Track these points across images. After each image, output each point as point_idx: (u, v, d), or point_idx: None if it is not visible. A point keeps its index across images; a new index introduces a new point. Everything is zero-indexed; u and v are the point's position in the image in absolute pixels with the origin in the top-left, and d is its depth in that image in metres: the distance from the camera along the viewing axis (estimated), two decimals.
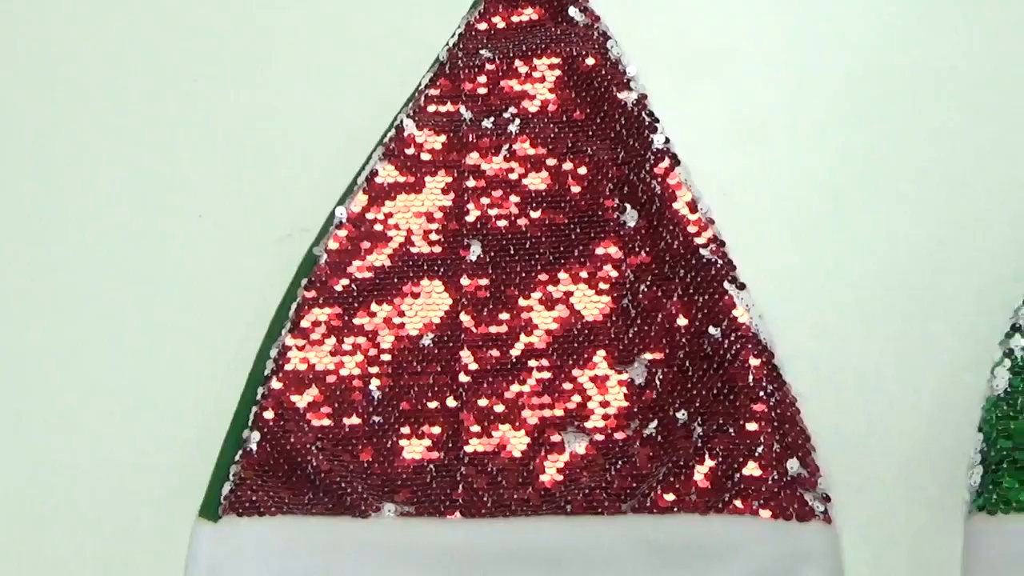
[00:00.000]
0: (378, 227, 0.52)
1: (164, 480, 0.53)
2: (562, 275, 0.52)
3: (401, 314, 0.52)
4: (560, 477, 0.49)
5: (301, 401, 0.50)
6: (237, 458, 0.50)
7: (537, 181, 0.53)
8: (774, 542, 0.46)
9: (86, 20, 0.61)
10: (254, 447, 0.49)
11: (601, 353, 0.51)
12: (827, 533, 0.47)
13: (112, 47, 0.60)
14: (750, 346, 0.48)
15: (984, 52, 0.54)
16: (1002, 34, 0.55)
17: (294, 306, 0.51)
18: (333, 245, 0.52)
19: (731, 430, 0.47)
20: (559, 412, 0.50)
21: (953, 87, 0.54)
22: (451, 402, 0.50)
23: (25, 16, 0.62)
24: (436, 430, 0.50)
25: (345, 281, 0.52)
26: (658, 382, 0.49)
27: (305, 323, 0.51)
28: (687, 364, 0.49)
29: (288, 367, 0.50)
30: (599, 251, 0.52)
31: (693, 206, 0.50)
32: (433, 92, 0.54)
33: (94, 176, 0.58)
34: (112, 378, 0.55)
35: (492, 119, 0.54)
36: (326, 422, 0.50)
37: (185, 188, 0.57)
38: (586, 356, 0.51)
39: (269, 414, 0.50)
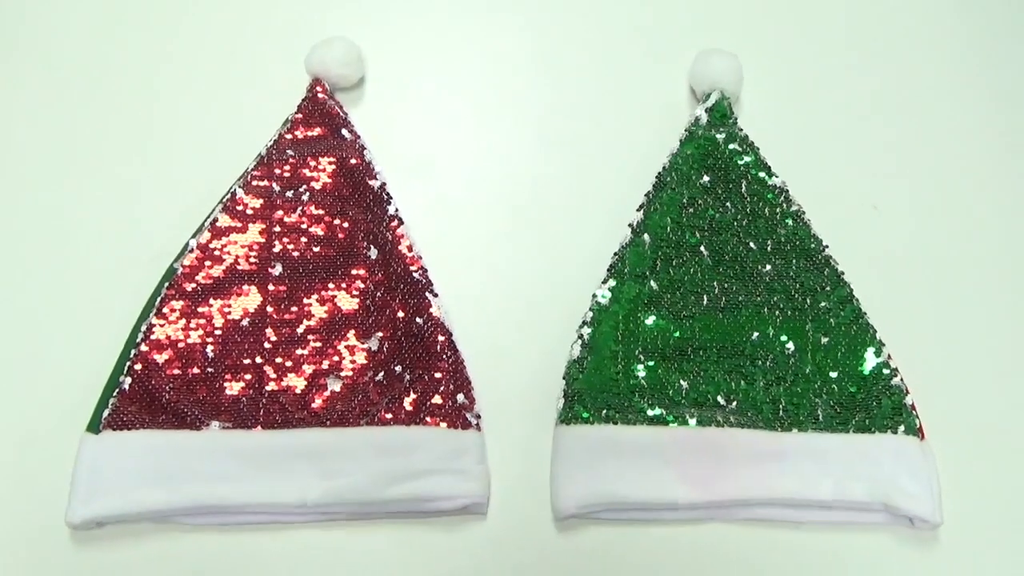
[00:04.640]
0: (217, 253, 0.61)
1: (64, 408, 0.60)
2: (331, 285, 0.61)
3: (229, 306, 0.60)
4: (324, 404, 0.58)
5: (160, 358, 0.59)
6: (114, 394, 0.58)
7: (318, 230, 0.62)
8: (448, 442, 0.57)
9: None
10: (127, 387, 0.58)
11: (352, 332, 0.60)
12: (478, 437, 0.58)
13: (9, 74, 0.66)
14: (439, 329, 0.59)
15: (600, 158, 0.67)
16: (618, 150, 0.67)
17: (159, 299, 0.60)
18: (187, 262, 0.61)
19: (426, 377, 0.58)
20: (325, 366, 0.59)
21: (576, 180, 0.67)
22: (259, 360, 0.59)
23: None
24: (248, 376, 0.59)
25: (193, 285, 0.60)
26: (385, 349, 0.59)
27: (165, 310, 0.60)
28: (403, 339, 0.59)
29: (153, 337, 0.59)
30: (354, 272, 0.61)
31: (410, 248, 0.61)
32: (256, 173, 0.63)
33: (33, 201, 0.65)
34: (38, 343, 0.62)
35: (292, 192, 0.63)
36: (176, 372, 0.58)
37: (91, 221, 0.65)
38: (343, 333, 0.60)
39: (138, 366, 0.58)
